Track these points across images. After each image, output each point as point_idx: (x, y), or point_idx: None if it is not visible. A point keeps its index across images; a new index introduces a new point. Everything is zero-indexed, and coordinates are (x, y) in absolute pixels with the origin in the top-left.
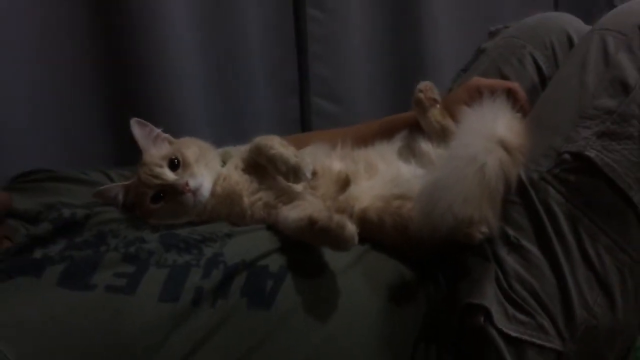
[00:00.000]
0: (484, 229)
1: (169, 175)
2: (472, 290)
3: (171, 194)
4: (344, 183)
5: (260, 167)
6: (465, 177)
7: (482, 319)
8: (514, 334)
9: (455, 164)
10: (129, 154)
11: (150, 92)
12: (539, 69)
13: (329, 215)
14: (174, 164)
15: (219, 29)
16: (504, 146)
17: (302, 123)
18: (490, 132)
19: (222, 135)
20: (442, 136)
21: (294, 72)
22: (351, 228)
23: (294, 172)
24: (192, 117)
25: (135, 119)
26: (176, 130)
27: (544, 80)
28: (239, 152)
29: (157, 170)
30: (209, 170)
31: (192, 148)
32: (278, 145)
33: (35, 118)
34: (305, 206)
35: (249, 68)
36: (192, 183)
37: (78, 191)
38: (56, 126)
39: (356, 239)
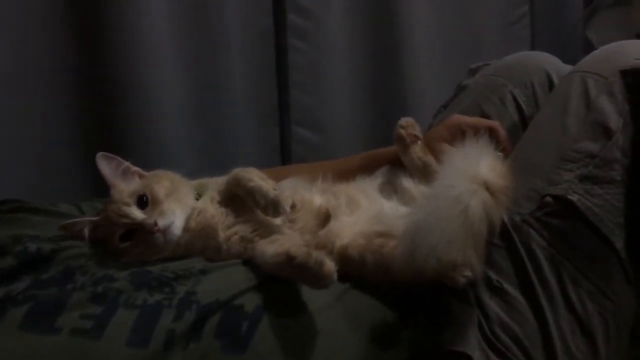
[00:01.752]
0: (468, 273)
1: (137, 214)
2: (454, 337)
3: (140, 233)
4: (324, 218)
5: (238, 199)
6: (449, 219)
7: None
8: None
9: (439, 204)
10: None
11: (128, 121)
12: (519, 108)
13: (307, 251)
14: (142, 201)
15: (199, 56)
16: (488, 188)
17: (282, 151)
18: (473, 173)
19: (202, 163)
20: (423, 173)
21: (274, 101)
22: (330, 265)
23: (273, 206)
24: (172, 145)
25: (101, 153)
26: (155, 160)
27: (524, 119)
28: (216, 184)
29: (125, 209)
30: (181, 206)
31: (163, 182)
32: (257, 178)
33: (10, 148)
34: (283, 241)
35: (229, 96)
36: (162, 222)
37: (47, 223)
38: (31, 157)
39: (335, 276)
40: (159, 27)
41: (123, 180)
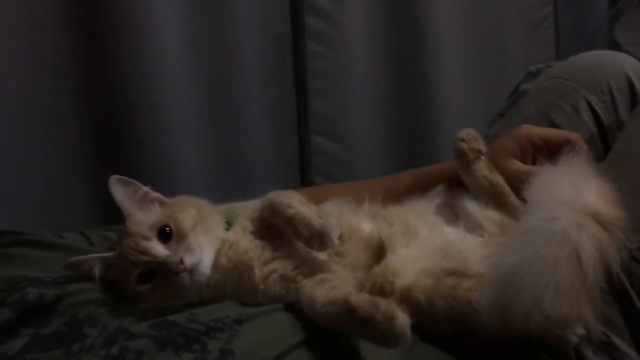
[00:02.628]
0: (581, 331)
1: (159, 250)
2: None
3: (163, 273)
4: (377, 249)
5: (275, 229)
6: (556, 263)
7: None
8: None
9: (539, 243)
10: (115, 210)
11: (140, 135)
12: (596, 116)
13: (373, 301)
14: (165, 234)
15: (213, 63)
16: (599, 220)
17: (301, 163)
18: (578, 201)
19: (217, 177)
20: (490, 194)
21: (293, 109)
22: (403, 319)
23: (319, 238)
24: (185, 158)
25: (116, 176)
26: (168, 175)
27: (602, 130)
28: (248, 209)
29: (144, 244)
30: (209, 238)
31: (188, 211)
32: (297, 203)
33: (10, 162)
34: (335, 282)
35: (246, 105)
36: (189, 260)
37: (50, 259)
38: (34, 172)
39: (409, 332)
40: (170, 33)
41: (141, 209)
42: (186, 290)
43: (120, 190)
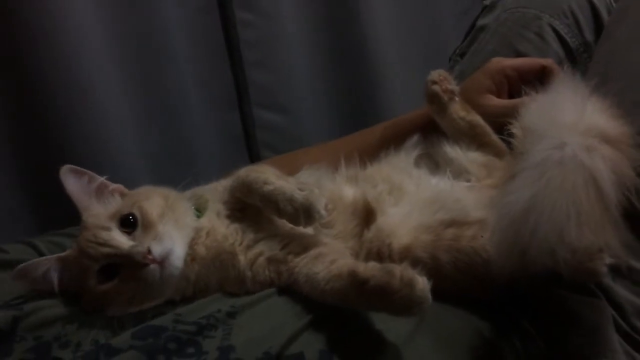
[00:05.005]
0: (609, 259)
1: (122, 240)
2: (592, 344)
3: (128, 268)
4: (365, 214)
5: (250, 209)
6: (574, 191)
7: None
8: None
9: (552, 173)
10: (59, 216)
11: (64, 122)
12: (562, 41)
13: (385, 269)
14: (128, 223)
15: (138, 42)
16: (608, 140)
17: (247, 138)
18: (583, 123)
19: (160, 166)
20: (470, 135)
21: (231, 84)
22: (423, 283)
23: (305, 212)
24: (122, 150)
25: (67, 166)
26: (107, 170)
27: (570, 53)
28: (216, 192)
29: (104, 234)
30: (179, 228)
31: (154, 199)
32: (274, 178)
33: None
34: (332, 255)
35: (181, 86)
36: (158, 250)
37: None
38: None
39: (430, 298)
40: (90, 19)
41: (98, 202)
42: (157, 286)
43: (73, 182)
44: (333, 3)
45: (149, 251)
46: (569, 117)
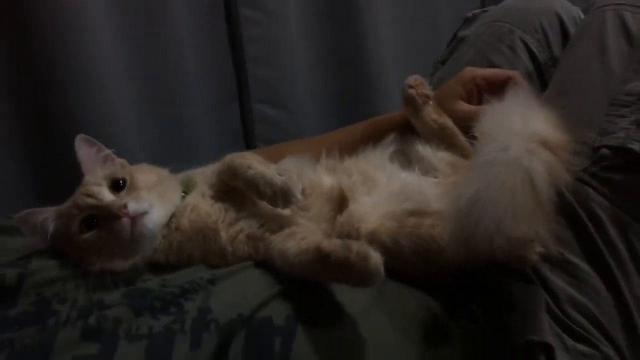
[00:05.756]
0: (539, 249)
1: (106, 195)
2: (525, 325)
3: (106, 220)
4: (340, 201)
5: (235, 192)
6: (513, 189)
7: (543, 358)
8: None
9: (495, 172)
10: (53, 193)
11: (69, 110)
12: (532, 55)
13: (345, 244)
14: (118, 186)
15: (144, 36)
16: (547, 146)
17: (246, 133)
18: (527, 130)
19: (160, 154)
20: (441, 137)
21: (232, 79)
22: (376, 258)
23: (283, 195)
24: (126, 136)
25: (82, 135)
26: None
27: (538, 67)
28: (204, 176)
29: (94, 188)
30: (163, 202)
31: (147, 174)
32: (257, 164)
33: None
34: (304, 233)
35: (182, 77)
36: (133, 206)
37: (4, 243)
38: None
39: (383, 271)
40: (100, 8)
41: (102, 169)
42: (128, 242)
43: (84, 149)
44: (335, 2)
45: (125, 206)
46: (516, 124)
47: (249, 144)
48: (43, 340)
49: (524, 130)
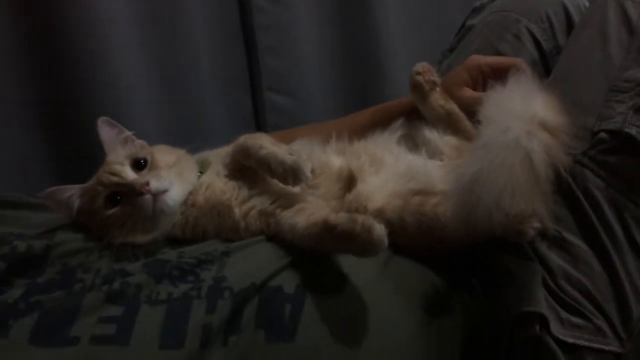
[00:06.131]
0: (537, 224)
1: (129, 173)
2: (521, 297)
3: (128, 197)
4: (348, 180)
5: (248, 171)
6: (512, 167)
7: (538, 327)
8: (571, 340)
9: (496, 152)
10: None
11: (93, 98)
12: (537, 43)
13: (351, 217)
14: (139, 165)
15: (159, 25)
16: (546, 127)
17: (257, 120)
18: (527, 112)
19: (173, 138)
20: (446, 121)
21: (244, 67)
22: (380, 229)
23: (293, 173)
24: (140, 121)
25: (104, 117)
26: None
27: (543, 55)
28: (219, 157)
29: (117, 167)
30: (181, 180)
31: (166, 154)
32: (268, 144)
33: None
34: (312, 209)
35: (196, 65)
36: (154, 184)
37: (29, 218)
38: None
39: (386, 241)
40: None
41: (122, 149)
42: (150, 218)
43: (107, 130)
44: None
45: (147, 183)
46: (516, 107)
47: (260, 130)
48: (70, 302)
49: (523, 113)
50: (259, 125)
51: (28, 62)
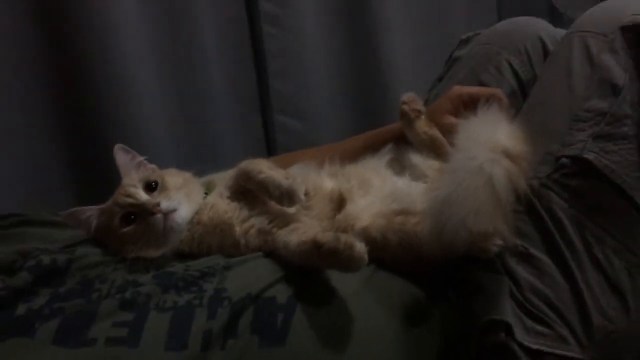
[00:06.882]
0: (499, 242)
1: (142, 195)
2: (489, 307)
3: (142, 216)
4: (339, 202)
5: (248, 193)
6: (475, 191)
7: (503, 334)
8: (534, 347)
9: (462, 177)
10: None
11: (107, 119)
12: (516, 74)
13: (335, 236)
14: (150, 187)
15: (176, 50)
16: (508, 155)
17: (267, 141)
18: (492, 141)
19: (186, 159)
20: (430, 147)
21: (254, 90)
22: (360, 247)
23: (288, 196)
24: (153, 141)
25: (119, 145)
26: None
27: (521, 85)
28: (223, 180)
29: (131, 189)
30: (188, 200)
31: (175, 177)
32: (267, 169)
33: None
34: (304, 229)
35: (209, 89)
36: (165, 204)
37: (52, 234)
38: (10, 159)
39: (366, 257)
40: (130, 19)
41: (136, 173)
42: (161, 235)
43: (122, 156)
44: (351, 22)
45: (159, 204)
46: (483, 136)
47: (270, 151)
48: (88, 308)
49: (489, 141)
50: (269, 145)
51: (53, 92)
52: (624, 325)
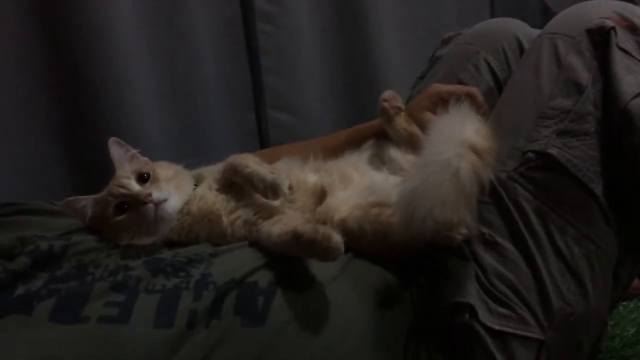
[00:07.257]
0: (463, 231)
1: (134, 185)
2: (455, 290)
3: (134, 205)
4: (320, 195)
5: (236, 185)
6: (442, 183)
7: (467, 315)
8: (497, 328)
9: (430, 170)
10: (88, 181)
11: (100, 114)
12: (493, 73)
13: (314, 227)
14: (142, 178)
15: (170, 47)
16: (475, 150)
17: (260, 136)
18: (460, 137)
19: (180, 153)
20: (409, 142)
21: (248, 86)
22: (337, 238)
23: (272, 189)
24: (147, 136)
25: (113, 138)
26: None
27: (498, 83)
28: (212, 173)
29: (124, 180)
30: (178, 192)
31: (166, 170)
32: (253, 164)
33: None
34: (287, 220)
35: (204, 84)
36: (156, 194)
37: (50, 222)
38: (10, 156)
39: (342, 247)
40: (125, 17)
41: (129, 165)
42: (152, 223)
43: (116, 149)
44: (343, 21)
45: (150, 194)
46: (451, 132)
47: (263, 146)
48: (82, 290)
49: (457, 137)
50: (262, 140)
51: (52, 84)
52: (582, 308)
